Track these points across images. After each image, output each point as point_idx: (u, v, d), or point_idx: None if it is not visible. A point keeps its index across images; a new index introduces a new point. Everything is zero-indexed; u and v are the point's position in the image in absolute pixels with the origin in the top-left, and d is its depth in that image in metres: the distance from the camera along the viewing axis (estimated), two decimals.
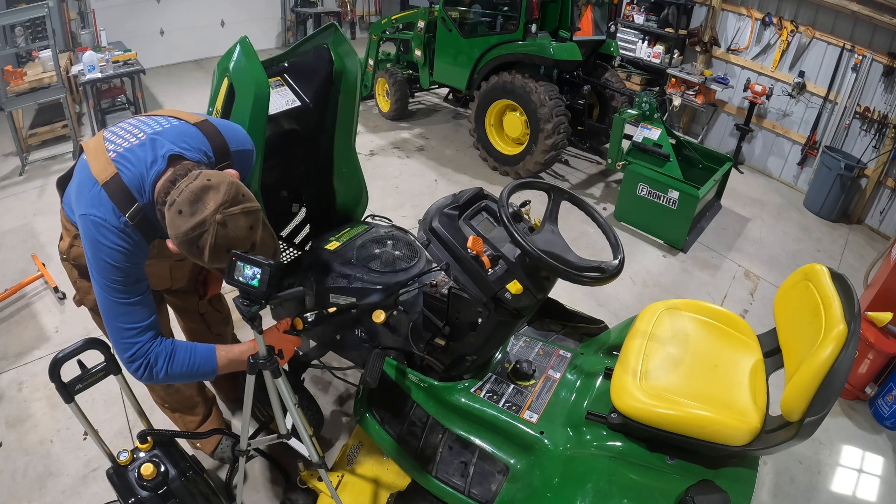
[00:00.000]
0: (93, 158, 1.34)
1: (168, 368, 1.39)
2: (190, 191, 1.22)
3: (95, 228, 1.29)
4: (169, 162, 1.32)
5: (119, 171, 1.30)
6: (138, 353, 1.36)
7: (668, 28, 5.95)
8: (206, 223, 1.20)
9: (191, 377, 1.46)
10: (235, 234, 1.24)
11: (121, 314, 1.35)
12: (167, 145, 1.34)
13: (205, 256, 1.24)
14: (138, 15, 6.86)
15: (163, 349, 1.39)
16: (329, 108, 2.07)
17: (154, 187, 1.31)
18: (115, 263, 1.31)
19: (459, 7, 5.00)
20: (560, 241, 1.67)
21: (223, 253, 1.25)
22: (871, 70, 4.63)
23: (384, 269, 1.96)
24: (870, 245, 4.58)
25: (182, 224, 1.21)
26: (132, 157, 1.32)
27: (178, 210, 1.22)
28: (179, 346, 1.42)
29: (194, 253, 1.25)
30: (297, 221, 2.39)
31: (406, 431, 1.77)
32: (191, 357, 1.43)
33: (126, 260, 1.32)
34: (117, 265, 1.31)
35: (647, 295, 3.53)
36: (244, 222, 1.26)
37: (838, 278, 1.41)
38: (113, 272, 1.32)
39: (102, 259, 1.31)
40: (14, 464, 2.23)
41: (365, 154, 5.12)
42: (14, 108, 4.48)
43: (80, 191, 1.34)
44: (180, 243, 1.24)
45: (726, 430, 1.34)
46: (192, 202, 1.21)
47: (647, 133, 4.28)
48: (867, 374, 2.80)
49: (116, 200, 1.29)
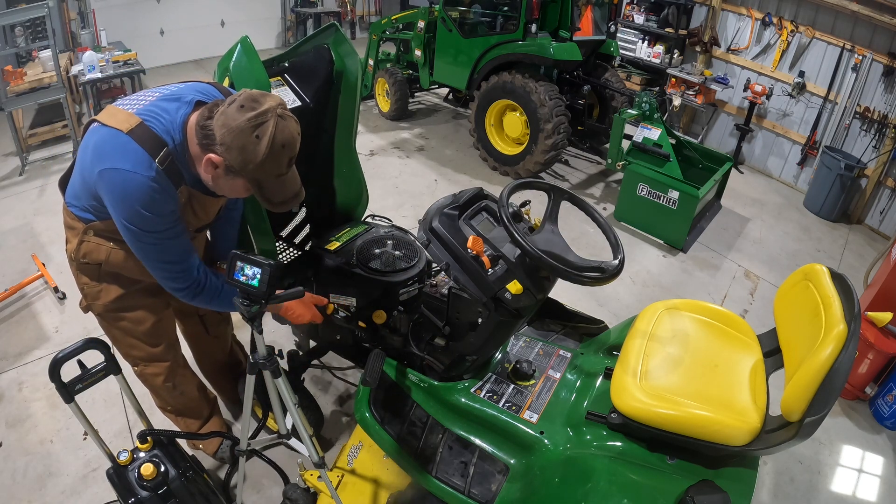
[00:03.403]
0: (109, 118, 1.34)
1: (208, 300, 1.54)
2: (248, 94, 1.29)
3: (125, 182, 1.29)
4: (195, 106, 1.38)
5: (144, 121, 1.33)
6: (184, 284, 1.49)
7: (668, 28, 5.95)
8: (268, 113, 1.26)
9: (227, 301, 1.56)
10: (290, 131, 1.30)
11: (160, 258, 1.43)
12: (189, 94, 1.41)
13: (262, 147, 1.26)
14: (138, 15, 6.85)
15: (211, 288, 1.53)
16: (329, 108, 2.07)
17: (184, 128, 1.35)
18: (149, 213, 1.33)
19: (459, 7, 5.00)
20: (560, 241, 1.67)
21: (279, 148, 1.28)
22: (871, 70, 4.63)
23: (384, 269, 1.96)
24: (870, 245, 4.58)
25: (242, 115, 1.25)
26: (155, 108, 1.36)
27: (239, 105, 1.26)
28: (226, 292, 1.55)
29: (250, 145, 1.26)
30: (297, 221, 2.38)
31: (406, 431, 1.78)
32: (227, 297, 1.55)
33: (159, 208, 1.34)
34: (151, 215, 1.33)
35: (647, 295, 3.53)
36: (295, 126, 1.33)
37: (838, 278, 1.41)
38: (148, 222, 1.34)
39: (135, 211, 1.32)
40: (14, 464, 2.22)
41: (365, 154, 5.12)
42: (14, 108, 4.48)
43: (100, 147, 1.33)
44: (238, 133, 1.25)
45: (726, 430, 1.34)
46: (253, 100, 1.27)
47: (647, 133, 4.28)
48: (867, 374, 2.80)
49: (145, 146, 1.30)
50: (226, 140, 1.27)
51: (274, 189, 1.37)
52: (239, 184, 1.36)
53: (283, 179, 1.36)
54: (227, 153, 1.28)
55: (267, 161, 1.28)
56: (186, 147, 1.38)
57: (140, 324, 1.73)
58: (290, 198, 1.42)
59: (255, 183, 1.34)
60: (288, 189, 1.40)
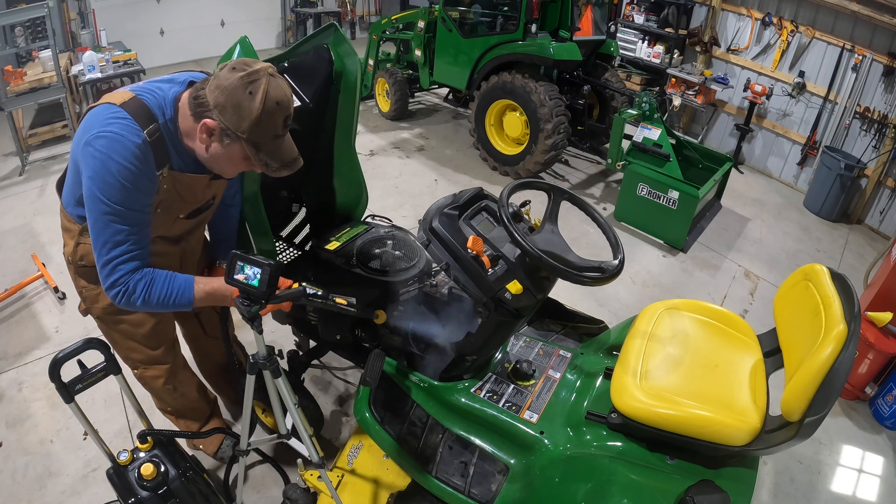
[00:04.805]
0: (105, 98, 1.36)
1: (146, 296, 1.39)
2: (239, 59, 1.32)
3: (109, 144, 1.27)
4: (187, 86, 1.40)
5: (137, 95, 1.34)
6: (119, 279, 1.36)
7: (668, 28, 5.95)
8: (260, 72, 1.27)
9: (168, 307, 1.44)
10: (283, 90, 1.30)
11: (113, 240, 1.33)
12: (183, 76, 1.44)
13: (256, 102, 1.25)
14: (138, 15, 6.86)
15: (142, 277, 1.39)
16: (329, 108, 2.06)
17: (175, 105, 1.37)
18: (123, 181, 1.28)
19: (459, 7, 4.99)
20: (560, 241, 1.67)
21: (273, 106, 1.27)
22: (871, 70, 4.63)
23: (384, 269, 1.96)
24: (870, 245, 4.58)
25: (234, 74, 1.26)
26: (150, 86, 1.39)
27: (231, 67, 1.28)
28: (159, 275, 1.41)
29: (244, 101, 1.25)
30: (297, 221, 2.38)
31: (406, 431, 1.77)
32: (168, 286, 1.42)
33: (135, 180, 1.30)
34: (125, 183, 1.29)
35: (647, 295, 3.53)
36: (287, 87, 1.33)
37: (838, 278, 1.41)
38: (118, 192, 1.29)
39: (111, 175, 1.27)
40: (14, 464, 2.22)
41: (365, 154, 5.12)
42: (14, 108, 4.48)
43: (89, 120, 1.32)
44: (232, 91, 1.25)
45: (726, 430, 1.34)
46: (244, 63, 1.29)
47: (647, 133, 4.28)
48: (867, 374, 2.80)
49: (136, 116, 1.30)
50: (219, 101, 1.26)
51: (272, 151, 1.35)
52: (236, 150, 1.34)
53: (279, 141, 1.35)
54: (222, 114, 1.27)
55: (263, 118, 1.27)
56: (177, 125, 1.38)
57: (139, 326, 1.73)
58: (288, 161, 1.39)
59: (252, 145, 1.31)
60: (286, 152, 1.38)
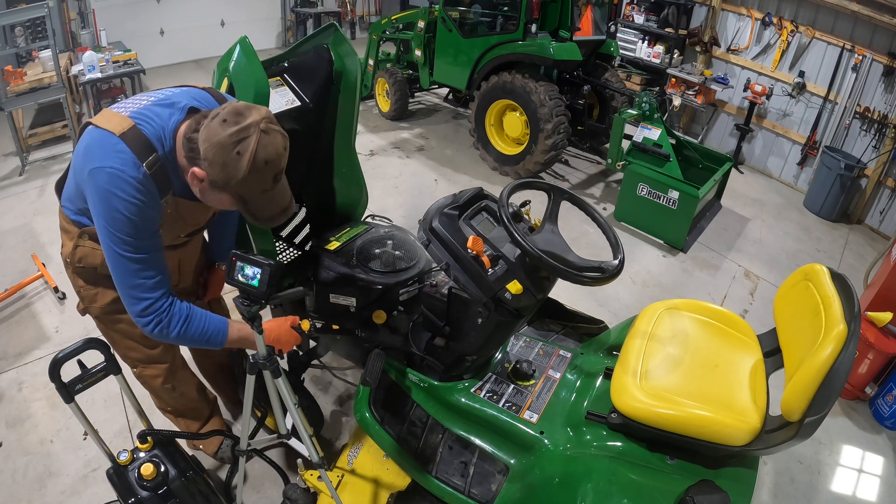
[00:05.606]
0: (104, 121, 1.33)
1: (182, 331, 1.42)
2: (232, 107, 1.26)
3: (111, 180, 1.27)
4: (188, 113, 1.36)
5: (137, 124, 1.32)
6: (150, 309, 1.38)
7: (668, 28, 5.95)
8: (250, 128, 1.22)
9: (200, 343, 1.49)
10: (275, 147, 1.26)
11: (132, 270, 1.35)
12: (184, 100, 1.39)
13: (243, 163, 1.23)
14: (138, 15, 6.85)
15: (179, 312, 1.41)
16: (329, 108, 2.07)
17: (175, 135, 1.34)
18: (129, 216, 1.29)
19: (459, 7, 4.99)
20: (560, 241, 1.67)
21: (261, 165, 1.24)
22: (871, 70, 4.63)
23: (384, 270, 1.96)
24: (870, 245, 4.58)
25: (225, 130, 1.22)
26: (149, 113, 1.35)
27: (221, 119, 1.23)
28: (196, 313, 1.45)
29: (231, 161, 1.23)
30: (297, 221, 2.39)
31: (406, 431, 1.78)
32: (205, 325, 1.46)
33: (140, 213, 1.31)
34: (132, 217, 1.30)
35: (647, 295, 3.53)
36: (281, 141, 1.29)
37: (838, 278, 1.41)
38: (127, 225, 1.30)
39: (116, 211, 1.28)
40: (14, 464, 2.22)
41: (365, 154, 5.12)
42: (14, 108, 4.48)
43: (90, 149, 1.31)
44: (220, 149, 1.22)
45: (726, 430, 1.34)
46: (236, 113, 1.24)
47: (647, 133, 4.28)
48: (867, 374, 2.80)
49: (135, 149, 1.29)
50: (208, 155, 1.25)
51: (259, 205, 1.34)
52: (225, 198, 1.33)
53: (268, 195, 1.33)
54: (210, 168, 1.26)
55: (249, 178, 1.25)
56: (176, 156, 1.37)
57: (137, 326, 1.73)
58: (276, 214, 1.38)
59: (240, 198, 1.31)
60: (274, 205, 1.36)
